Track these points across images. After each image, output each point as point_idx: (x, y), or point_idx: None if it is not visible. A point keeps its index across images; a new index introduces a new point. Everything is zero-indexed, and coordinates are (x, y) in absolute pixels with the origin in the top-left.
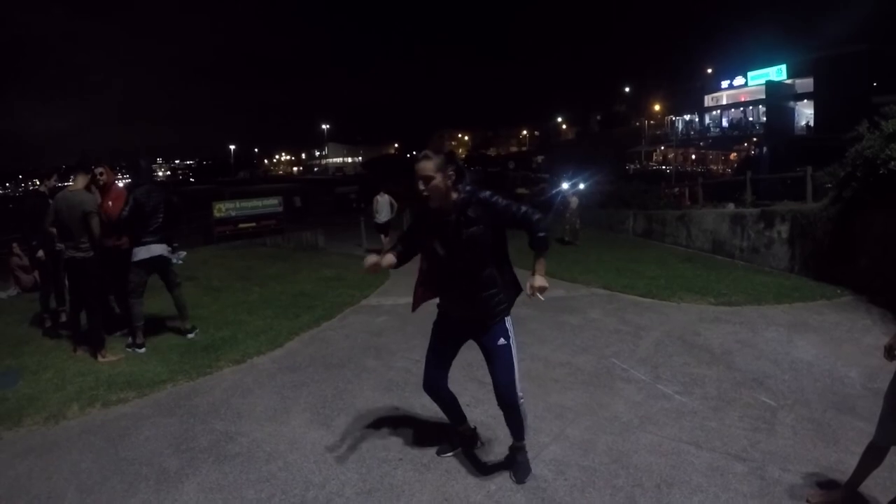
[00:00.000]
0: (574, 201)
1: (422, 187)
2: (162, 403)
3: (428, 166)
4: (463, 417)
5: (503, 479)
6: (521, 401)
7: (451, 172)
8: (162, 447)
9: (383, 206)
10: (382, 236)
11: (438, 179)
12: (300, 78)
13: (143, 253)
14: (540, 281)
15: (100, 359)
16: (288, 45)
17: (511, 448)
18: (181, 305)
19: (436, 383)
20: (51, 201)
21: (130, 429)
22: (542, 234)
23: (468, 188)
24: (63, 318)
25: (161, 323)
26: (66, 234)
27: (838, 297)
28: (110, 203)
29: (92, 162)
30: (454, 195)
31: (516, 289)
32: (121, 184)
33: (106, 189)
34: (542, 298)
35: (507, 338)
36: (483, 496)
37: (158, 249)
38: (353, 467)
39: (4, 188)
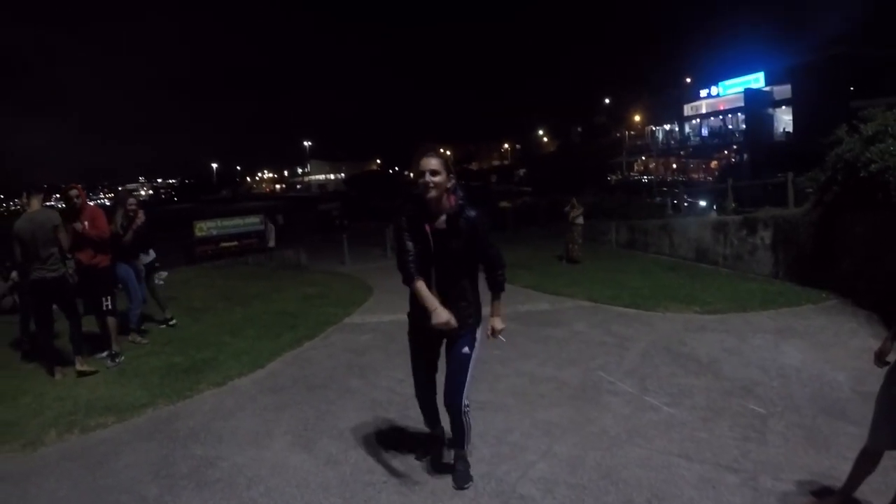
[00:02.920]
0: (580, 219)
1: (428, 179)
2: (142, 428)
3: (436, 162)
4: (437, 420)
5: (490, 501)
6: (467, 409)
7: (452, 176)
8: (141, 474)
9: None
10: None
11: (443, 177)
12: (281, 94)
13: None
14: (499, 323)
15: (77, 367)
16: (268, 61)
17: (454, 455)
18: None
19: (427, 390)
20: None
21: (109, 455)
22: (503, 278)
23: (461, 201)
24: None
25: (141, 346)
26: (33, 257)
27: (823, 301)
28: (86, 223)
29: (51, 183)
30: (449, 202)
31: (479, 308)
32: (92, 203)
33: (81, 209)
34: (504, 340)
35: (472, 348)
36: None
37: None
38: (336, 492)
39: None
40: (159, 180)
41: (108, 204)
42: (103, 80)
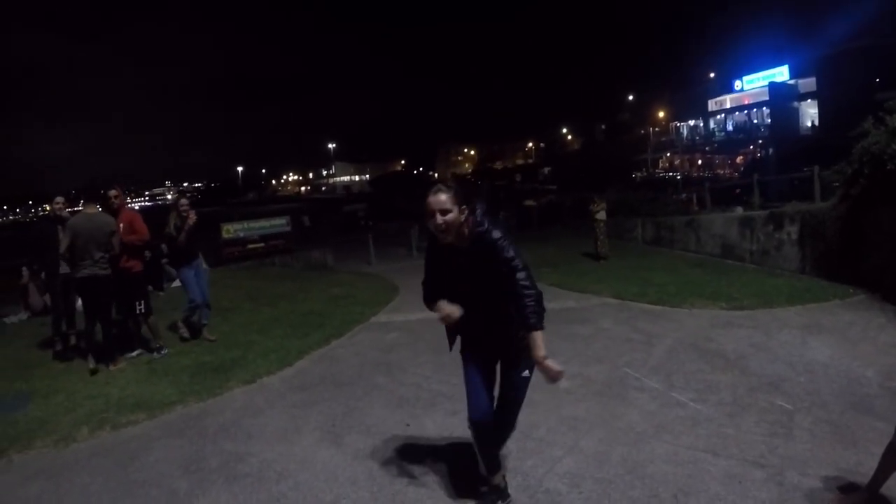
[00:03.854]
0: (602, 213)
1: (439, 221)
2: (172, 425)
3: (444, 199)
4: (498, 464)
5: (517, 496)
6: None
7: (465, 207)
8: (171, 469)
9: None
10: None
11: (455, 214)
12: (306, 97)
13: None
14: (548, 363)
15: (112, 368)
16: (293, 65)
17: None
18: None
19: (485, 410)
20: (59, 226)
21: (140, 451)
22: (532, 319)
23: (479, 227)
24: (73, 341)
25: (170, 345)
26: (85, 255)
27: (851, 297)
28: (121, 226)
29: (101, 187)
30: (466, 230)
31: None
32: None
33: (118, 210)
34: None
35: (532, 370)
36: None
37: None
38: (364, 486)
39: (14, 213)
40: (185, 184)
41: (136, 208)
42: (126, 88)
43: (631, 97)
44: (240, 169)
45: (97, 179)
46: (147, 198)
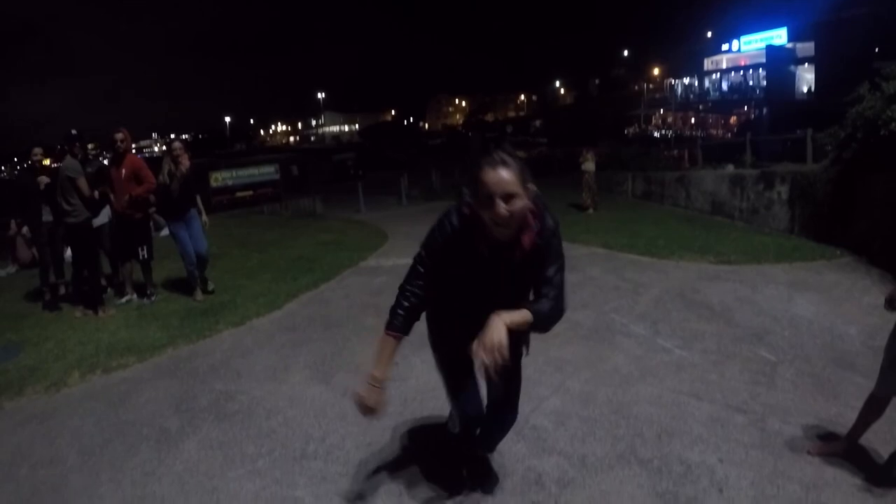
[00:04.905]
0: (589, 164)
1: (502, 211)
2: (162, 367)
3: (509, 179)
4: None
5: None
6: None
7: (529, 187)
8: (162, 408)
9: None
10: None
11: (523, 199)
12: (295, 47)
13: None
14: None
15: (101, 314)
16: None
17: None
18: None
19: (478, 409)
20: (42, 177)
21: (131, 392)
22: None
23: (541, 219)
24: (62, 290)
25: (159, 291)
26: (61, 204)
27: (838, 258)
28: (123, 171)
29: (77, 136)
30: (533, 223)
31: None
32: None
33: (123, 155)
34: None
35: (529, 347)
36: None
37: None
38: (353, 421)
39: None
40: (172, 136)
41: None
42: (112, 43)
43: (627, 52)
44: (228, 120)
45: (76, 130)
46: (133, 151)
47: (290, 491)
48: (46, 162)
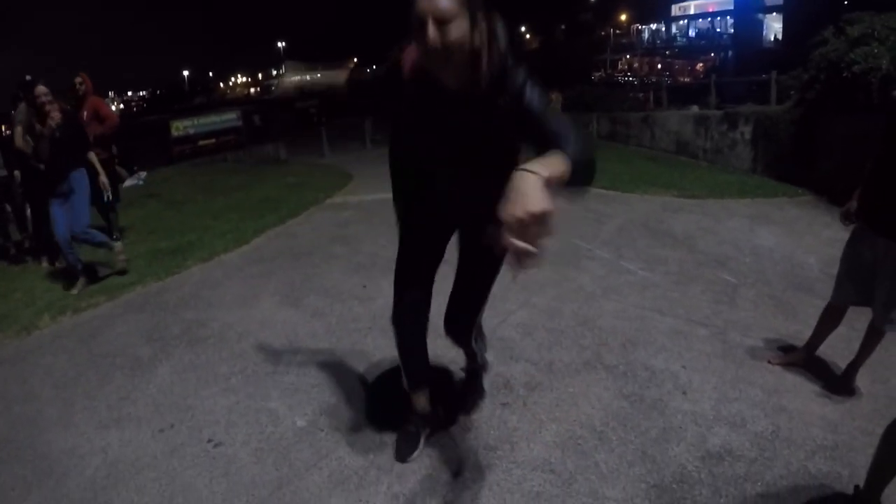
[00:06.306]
0: (557, 107)
1: (431, 35)
2: (132, 303)
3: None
4: (426, 370)
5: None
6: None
7: (484, 15)
8: (134, 339)
9: None
10: None
11: (460, 26)
12: None
13: None
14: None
15: (57, 265)
16: None
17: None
18: None
19: (419, 310)
20: None
21: (102, 328)
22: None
23: (506, 57)
24: (26, 244)
25: (125, 234)
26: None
27: (800, 196)
28: (84, 114)
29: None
30: (485, 62)
31: None
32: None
33: (84, 97)
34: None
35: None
36: (453, 354)
37: None
38: (323, 338)
39: None
40: (129, 93)
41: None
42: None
43: None
44: (186, 73)
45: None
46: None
47: (263, 403)
48: None
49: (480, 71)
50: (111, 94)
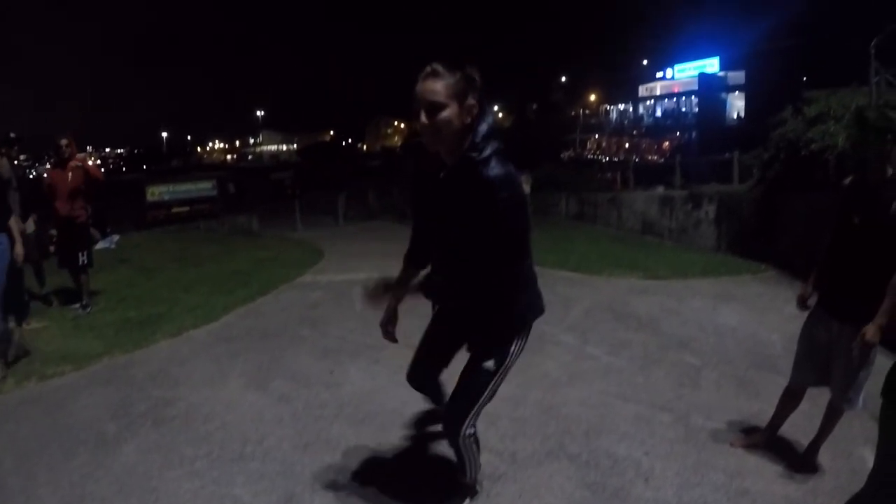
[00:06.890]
0: (527, 188)
1: (424, 120)
2: (98, 375)
3: (437, 88)
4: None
5: (436, 430)
6: (470, 437)
7: (473, 103)
8: (100, 414)
9: None
10: None
11: (452, 111)
12: (233, 62)
13: None
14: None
15: (24, 326)
16: (220, 27)
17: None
18: None
19: (417, 381)
20: None
21: (67, 399)
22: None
23: (478, 146)
24: None
25: (95, 302)
26: None
27: (763, 272)
28: (70, 175)
29: (15, 142)
30: (467, 143)
31: (515, 311)
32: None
33: (69, 159)
34: None
35: (499, 365)
36: (418, 444)
37: None
38: (289, 424)
39: None
40: (108, 150)
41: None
42: (42, 46)
43: (564, 78)
44: (164, 135)
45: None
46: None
47: (228, 489)
48: None
49: (462, 147)
50: (89, 148)
